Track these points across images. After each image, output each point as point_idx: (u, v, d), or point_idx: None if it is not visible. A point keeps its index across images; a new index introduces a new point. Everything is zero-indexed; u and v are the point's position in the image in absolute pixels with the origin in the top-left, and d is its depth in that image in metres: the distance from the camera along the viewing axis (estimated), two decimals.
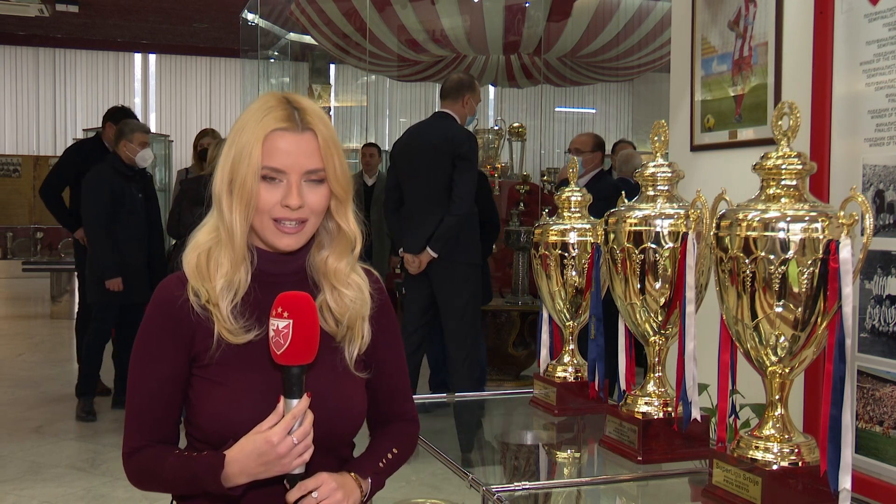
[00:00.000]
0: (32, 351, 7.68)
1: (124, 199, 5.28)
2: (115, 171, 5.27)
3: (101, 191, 5.20)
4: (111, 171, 5.26)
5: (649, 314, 1.77)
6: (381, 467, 1.58)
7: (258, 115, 1.45)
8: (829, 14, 1.80)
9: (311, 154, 1.45)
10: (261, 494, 1.45)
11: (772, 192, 1.44)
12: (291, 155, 1.43)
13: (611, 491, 1.80)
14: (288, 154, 1.43)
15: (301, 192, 1.44)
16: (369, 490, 1.54)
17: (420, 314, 4.73)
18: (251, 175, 1.43)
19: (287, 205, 1.43)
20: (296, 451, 1.38)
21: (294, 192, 1.43)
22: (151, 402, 1.50)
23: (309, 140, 1.45)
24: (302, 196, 1.44)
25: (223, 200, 1.46)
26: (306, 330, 1.38)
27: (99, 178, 5.23)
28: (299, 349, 1.38)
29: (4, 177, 13.27)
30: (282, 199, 1.43)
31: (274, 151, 1.43)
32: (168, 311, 1.47)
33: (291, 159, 1.43)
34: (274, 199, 1.43)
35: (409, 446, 1.67)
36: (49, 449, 4.79)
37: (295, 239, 1.47)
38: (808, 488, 1.41)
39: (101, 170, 5.27)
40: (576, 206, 2.17)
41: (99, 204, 5.19)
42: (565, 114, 15.25)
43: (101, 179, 5.22)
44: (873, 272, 1.68)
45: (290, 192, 1.43)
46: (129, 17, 12.58)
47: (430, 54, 9.11)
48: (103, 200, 5.19)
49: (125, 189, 5.29)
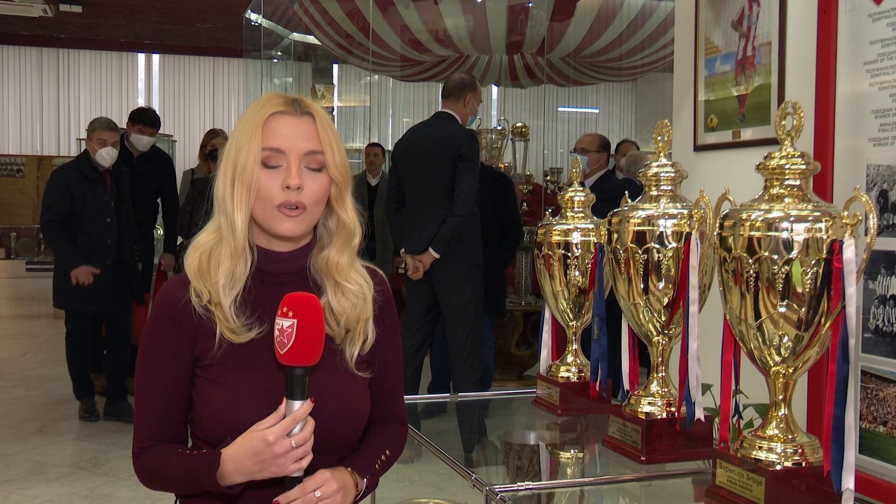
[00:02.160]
0: (36, 351, 7.70)
1: (86, 201, 5.06)
2: (79, 171, 5.07)
3: (59, 190, 5.03)
4: (74, 171, 5.08)
5: (652, 314, 1.77)
6: (377, 468, 1.59)
7: (257, 107, 1.50)
8: (833, 14, 1.79)
9: (309, 136, 1.47)
10: (259, 495, 1.45)
11: (775, 191, 1.44)
12: (290, 137, 1.46)
13: (614, 491, 1.80)
14: (287, 136, 1.46)
15: (301, 174, 1.45)
16: (363, 490, 1.54)
17: (423, 314, 4.73)
18: (252, 160, 1.44)
19: (288, 185, 1.44)
20: (293, 454, 1.38)
21: (294, 172, 1.44)
22: (157, 403, 1.51)
23: (308, 123, 1.48)
24: (302, 180, 1.45)
25: (225, 193, 1.47)
26: (311, 331, 1.38)
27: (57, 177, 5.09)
28: (303, 350, 1.38)
29: (8, 176, 13.30)
30: (282, 182, 1.44)
31: (273, 133, 1.46)
32: (171, 312, 1.48)
33: (290, 140, 1.46)
34: (275, 184, 1.45)
35: (400, 449, 1.68)
36: (52, 449, 4.80)
37: (296, 223, 1.47)
38: (811, 489, 1.41)
39: (64, 169, 5.11)
40: (579, 205, 2.17)
41: (54, 203, 5.01)
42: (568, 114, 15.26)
43: (59, 179, 5.07)
44: (877, 272, 1.68)
45: (290, 173, 1.44)
46: (132, 17, 12.60)
47: (433, 54, 9.11)
48: (60, 199, 5.01)
49: (88, 192, 5.06)
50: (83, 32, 13.89)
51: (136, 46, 14.76)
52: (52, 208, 5.05)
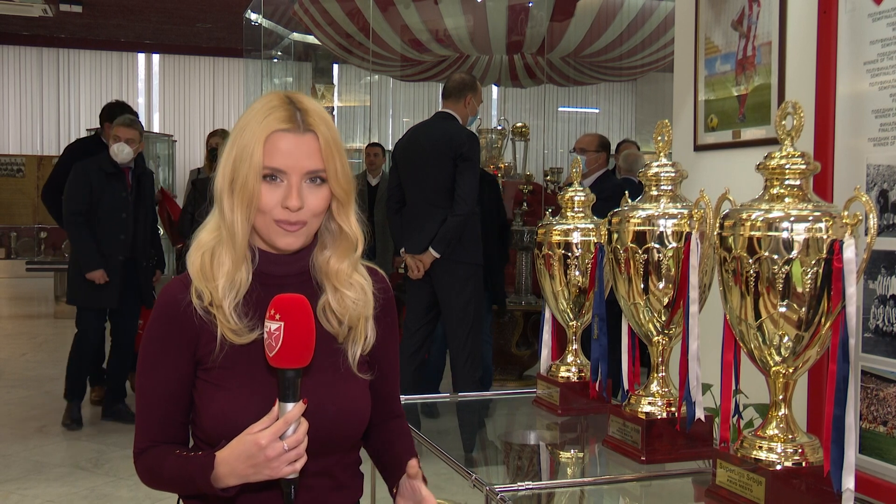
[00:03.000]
0: (36, 350, 7.69)
1: (103, 195, 5.06)
2: (99, 167, 5.08)
3: (80, 186, 5.03)
4: (95, 167, 5.08)
5: (653, 314, 1.77)
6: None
7: (260, 116, 1.45)
8: (833, 14, 1.79)
9: (311, 155, 1.45)
10: (255, 498, 1.45)
11: (775, 191, 1.44)
12: (292, 156, 1.44)
13: (614, 491, 1.80)
14: (289, 155, 1.44)
15: (301, 193, 1.44)
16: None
17: (423, 313, 4.73)
18: (252, 175, 1.43)
19: (287, 206, 1.43)
20: (286, 457, 1.36)
21: (294, 194, 1.43)
22: (158, 403, 1.51)
23: (310, 141, 1.45)
24: (302, 198, 1.44)
25: (224, 200, 1.47)
26: (298, 332, 1.35)
27: (78, 170, 5.07)
28: (291, 352, 1.36)
29: (8, 176, 13.30)
30: (282, 200, 1.43)
31: (275, 152, 1.43)
32: (172, 314, 1.48)
33: (292, 160, 1.44)
34: (275, 200, 1.44)
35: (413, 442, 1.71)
36: (53, 448, 4.80)
37: (295, 238, 1.47)
38: (811, 488, 1.41)
39: (86, 165, 5.09)
40: (579, 205, 2.17)
41: (76, 199, 5.02)
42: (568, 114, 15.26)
43: (80, 171, 5.05)
44: (877, 272, 1.68)
45: (290, 194, 1.43)
46: (132, 17, 12.60)
47: (433, 54, 9.11)
48: (81, 195, 5.01)
49: (106, 187, 5.07)
50: (83, 32, 13.89)
51: (136, 46, 14.76)
52: (71, 199, 5.05)
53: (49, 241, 12.37)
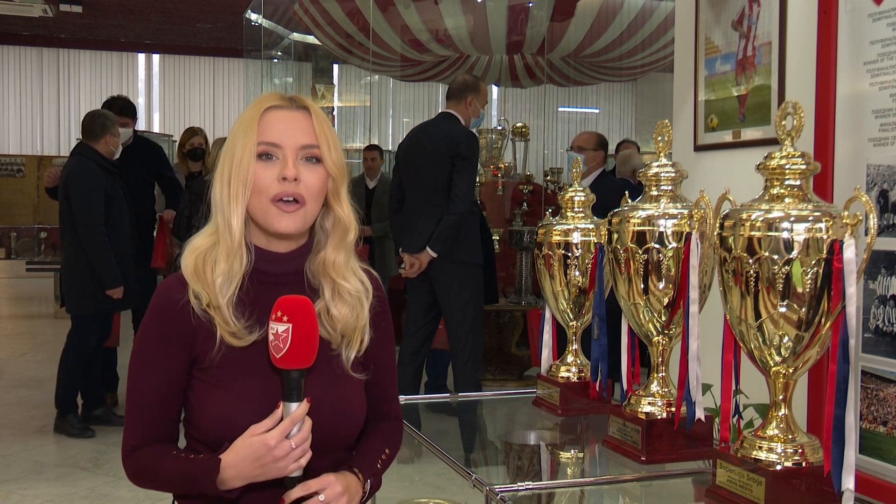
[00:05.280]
0: (36, 351, 7.70)
1: (114, 198, 4.92)
2: (101, 167, 4.89)
3: (99, 197, 4.82)
4: (97, 168, 4.88)
5: (653, 314, 1.77)
6: (379, 468, 1.59)
7: (253, 105, 1.51)
8: (833, 14, 1.79)
9: (305, 130, 1.48)
10: (258, 497, 1.45)
11: (775, 192, 1.44)
12: (286, 131, 1.47)
13: (614, 491, 1.80)
14: (283, 130, 1.47)
15: (297, 166, 1.46)
16: (369, 490, 1.54)
17: (423, 314, 4.73)
18: (248, 154, 1.45)
19: (284, 177, 1.44)
20: (293, 455, 1.38)
21: (290, 164, 1.45)
22: (150, 402, 1.50)
23: (303, 117, 1.49)
24: (299, 172, 1.45)
25: (222, 191, 1.47)
26: (305, 334, 1.38)
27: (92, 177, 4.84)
28: (298, 353, 1.38)
29: (8, 177, 13.30)
30: (278, 174, 1.44)
31: (269, 127, 1.47)
32: (169, 312, 1.48)
33: (286, 134, 1.46)
34: (271, 177, 1.45)
35: (398, 446, 1.69)
36: (53, 448, 4.80)
37: (293, 219, 1.46)
38: (811, 489, 1.41)
39: (91, 169, 4.86)
40: (579, 205, 2.17)
41: (98, 210, 4.82)
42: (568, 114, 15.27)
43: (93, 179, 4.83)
44: (877, 272, 1.68)
45: (287, 165, 1.45)
46: (132, 17, 12.60)
47: (433, 54, 9.11)
48: (100, 202, 4.82)
49: (109, 187, 4.90)
50: (83, 32, 13.90)
51: (136, 46, 14.77)
52: (94, 212, 4.81)
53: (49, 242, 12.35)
